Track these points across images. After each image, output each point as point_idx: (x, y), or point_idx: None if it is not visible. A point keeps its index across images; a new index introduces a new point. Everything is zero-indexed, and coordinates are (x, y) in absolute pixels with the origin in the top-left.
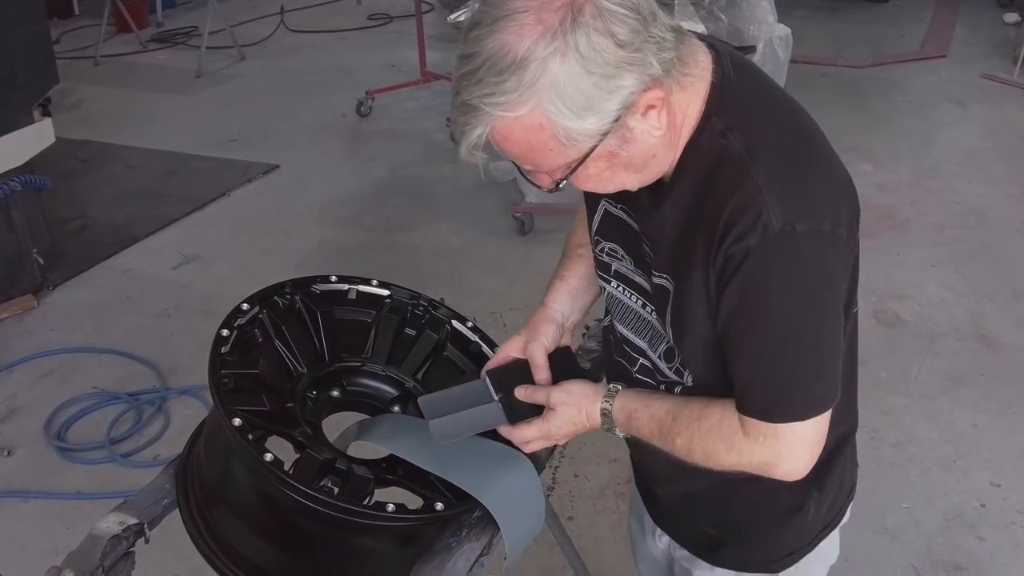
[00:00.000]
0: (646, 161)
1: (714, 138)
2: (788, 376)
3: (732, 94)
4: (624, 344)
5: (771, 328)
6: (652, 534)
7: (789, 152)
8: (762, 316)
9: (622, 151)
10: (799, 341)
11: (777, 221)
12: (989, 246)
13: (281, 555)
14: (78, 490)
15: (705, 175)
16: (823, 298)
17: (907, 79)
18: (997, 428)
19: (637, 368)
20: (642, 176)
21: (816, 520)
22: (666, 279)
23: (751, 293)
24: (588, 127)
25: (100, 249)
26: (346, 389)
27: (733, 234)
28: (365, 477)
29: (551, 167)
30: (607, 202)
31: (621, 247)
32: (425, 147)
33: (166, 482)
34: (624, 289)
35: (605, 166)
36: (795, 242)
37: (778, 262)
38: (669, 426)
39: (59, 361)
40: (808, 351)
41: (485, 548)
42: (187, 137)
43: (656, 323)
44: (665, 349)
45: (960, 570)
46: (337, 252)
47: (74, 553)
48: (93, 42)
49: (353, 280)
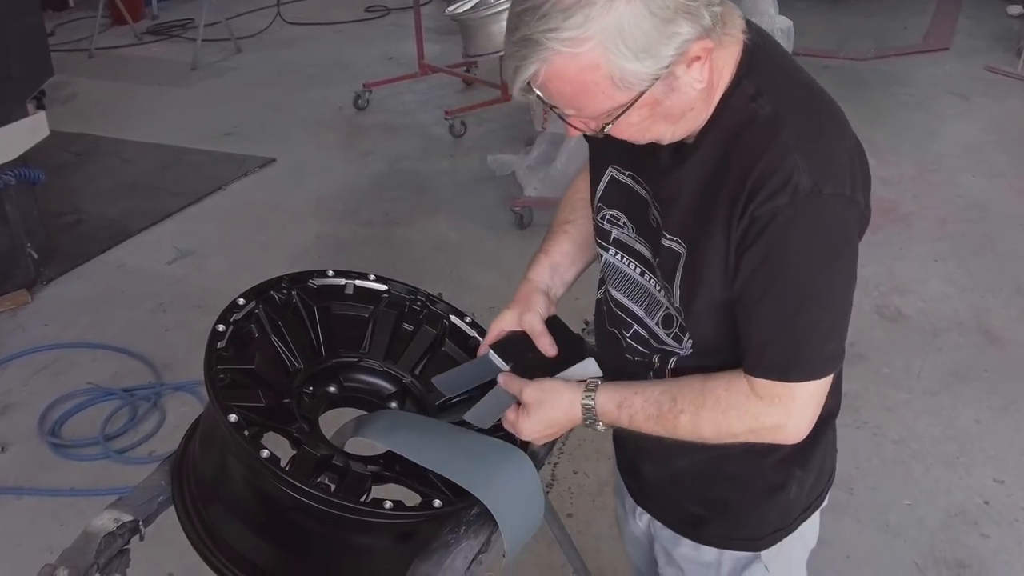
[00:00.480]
0: (684, 114)
1: (744, 100)
2: (807, 334)
3: (760, 59)
4: (620, 311)
5: (793, 287)
6: (633, 514)
7: (813, 117)
8: (785, 275)
9: (666, 100)
10: (820, 300)
11: (807, 182)
12: (992, 240)
13: (277, 552)
14: (72, 487)
15: (732, 136)
16: (844, 259)
17: (909, 72)
18: (1000, 424)
19: (631, 334)
20: (675, 129)
21: (798, 499)
22: (677, 242)
23: (776, 252)
24: (643, 70)
25: (94, 243)
26: (343, 385)
27: (762, 194)
28: (362, 474)
29: (596, 111)
30: (615, 169)
31: (624, 214)
32: (423, 140)
33: (161, 479)
34: (622, 257)
35: (647, 114)
36: (823, 203)
37: (805, 223)
38: (669, 406)
39: (53, 356)
40: (828, 310)
41: (484, 545)
42: (182, 130)
43: (654, 290)
44: (663, 316)
45: (963, 568)
46: (334, 246)
47: (68, 551)
48: (88, 34)
49: (350, 275)
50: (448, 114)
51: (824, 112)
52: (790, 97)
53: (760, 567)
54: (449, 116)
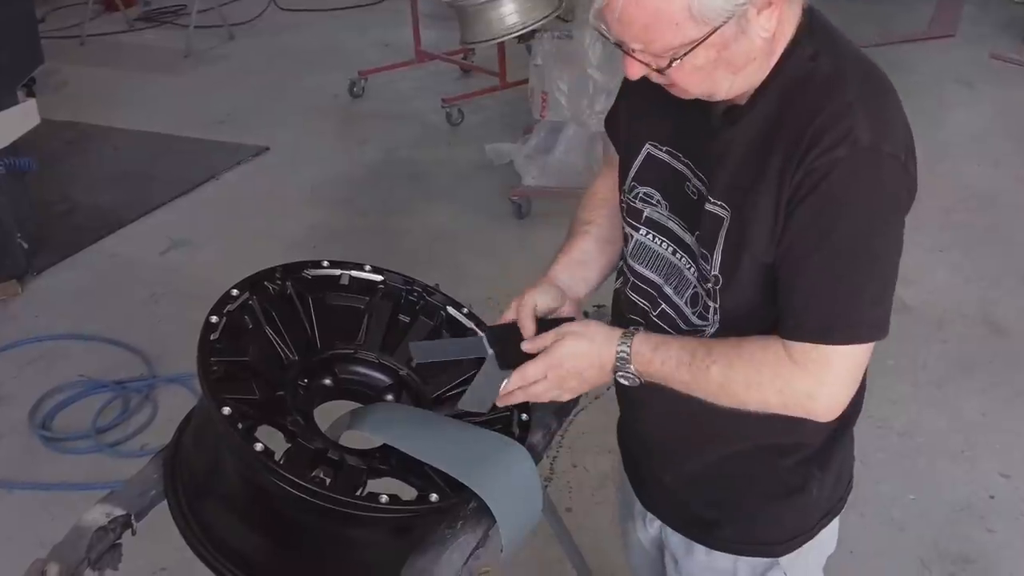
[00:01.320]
0: (745, 64)
1: (802, 62)
2: (854, 295)
3: (819, 23)
4: (649, 288)
5: (845, 242)
6: (643, 519)
7: (872, 82)
8: (838, 229)
9: (733, 44)
10: (870, 259)
11: (867, 137)
12: (998, 230)
13: (271, 547)
14: (64, 481)
15: (789, 94)
16: (896, 223)
17: (914, 59)
18: (1006, 417)
19: (658, 313)
20: (733, 82)
21: (818, 502)
22: (721, 206)
23: (831, 205)
24: (719, 4)
25: (86, 233)
26: (338, 377)
27: (821, 145)
28: (358, 467)
29: (665, 46)
30: (652, 145)
31: (659, 192)
32: (420, 129)
33: (154, 472)
34: (654, 236)
35: (713, 57)
36: (881, 161)
37: (863, 177)
38: (703, 354)
39: (44, 348)
40: (876, 272)
41: (481, 540)
42: (175, 118)
43: (685, 269)
44: (691, 295)
45: (968, 563)
46: (329, 236)
47: (59, 545)
48: (79, 21)
49: (346, 265)
50: (445, 102)
51: (881, 80)
52: (848, 61)
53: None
54: (446, 104)
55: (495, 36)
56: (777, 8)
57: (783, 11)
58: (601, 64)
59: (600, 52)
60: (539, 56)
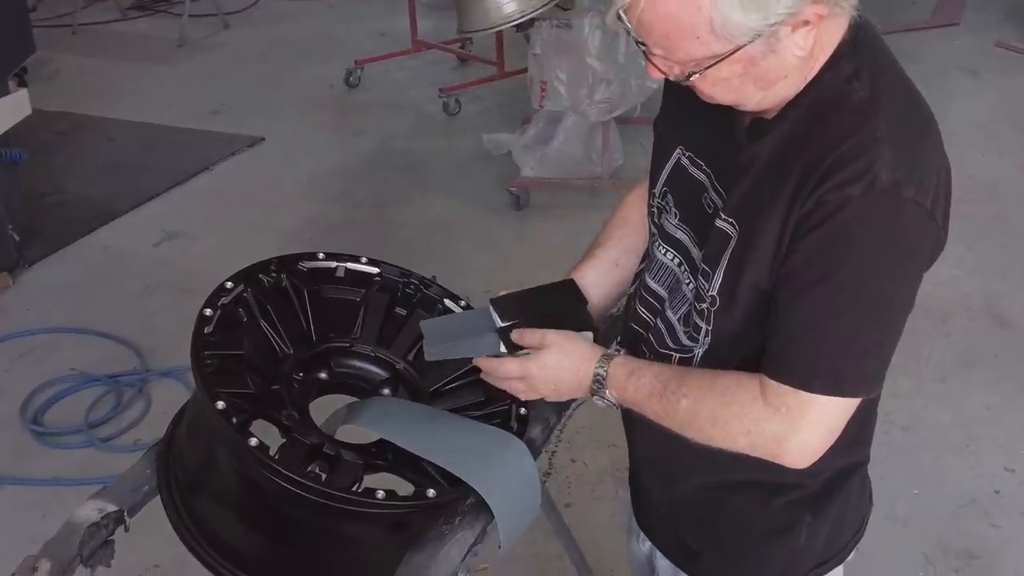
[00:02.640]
0: (776, 81)
1: (839, 80)
2: (847, 340)
3: (866, 40)
4: (652, 299)
5: (847, 283)
6: (637, 537)
7: (910, 114)
8: (840, 270)
9: (762, 61)
10: (871, 306)
11: (887, 177)
12: (1003, 222)
13: (266, 543)
14: (55, 476)
15: (818, 115)
16: (907, 272)
17: (918, 48)
18: (1011, 411)
19: (652, 327)
20: (763, 96)
21: (809, 549)
22: (731, 224)
23: (837, 244)
24: (747, 23)
25: (78, 225)
26: (334, 371)
27: (836, 179)
28: (354, 463)
29: (686, 57)
30: (681, 150)
31: (674, 199)
32: (416, 119)
33: (147, 468)
34: (661, 245)
35: (739, 72)
36: (899, 205)
37: (877, 220)
38: (675, 386)
39: (35, 342)
40: (875, 321)
41: (479, 536)
42: (169, 109)
43: (684, 283)
44: (684, 312)
45: (973, 558)
46: (325, 228)
47: (51, 542)
48: (71, 10)
49: (341, 257)
50: (442, 92)
51: (922, 114)
52: (889, 86)
53: None
54: (443, 94)
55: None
56: (815, 27)
57: (822, 28)
58: (600, 53)
59: (600, 41)
60: (538, 45)
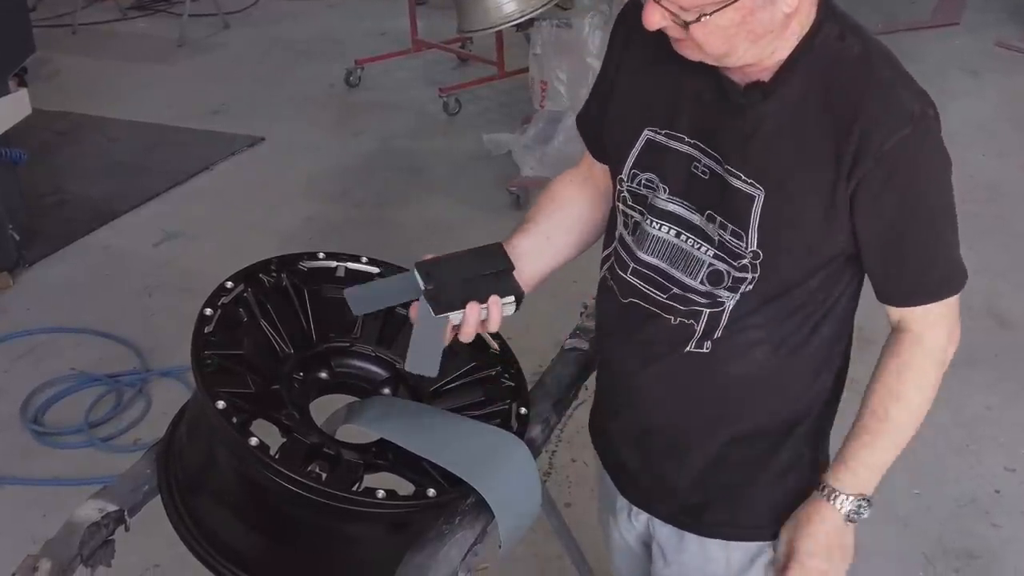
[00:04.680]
0: (764, 34)
1: (830, 41)
2: (951, 249)
3: (835, 6)
4: (653, 273)
5: (935, 208)
6: (627, 514)
7: (893, 57)
8: (925, 200)
9: (759, 12)
10: (951, 216)
11: (917, 108)
12: (1003, 222)
13: (267, 543)
14: (55, 476)
15: (825, 74)
16: (950, 173)
17: (918, 47)
18: (1012, 411)
19: (668, 296)
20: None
21: (811, 482)
22: (751, 184)
23: (914, 181)
24: None
25: (78, 225)
26: (334, 370)
27: (884, 129)
28: (354, 462)
29: (694, 2)
30: (651, 131)
31: (658, 176)
32: (417, 119)
33: (147, 467)
34: (652, 221)
35: (738, 20)
36: (932, 124)
37: (929, 145)
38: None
39: (35, 341)
40: (954, 224)
41: (479, 536)
42: (169, 108)
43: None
44: (708, 272)
45: (973, 558)
46: (325, 228)
47: (51, 541)
48: (71, 9)
49: (342, 257)
50: (442, 91)
51: (891, 53)
52: (870, 39)
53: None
54: (443, 94)
55: (493, 24)
56: None
57: None
58: (600, 53)
59: (600, 41)
60: (538, 45)
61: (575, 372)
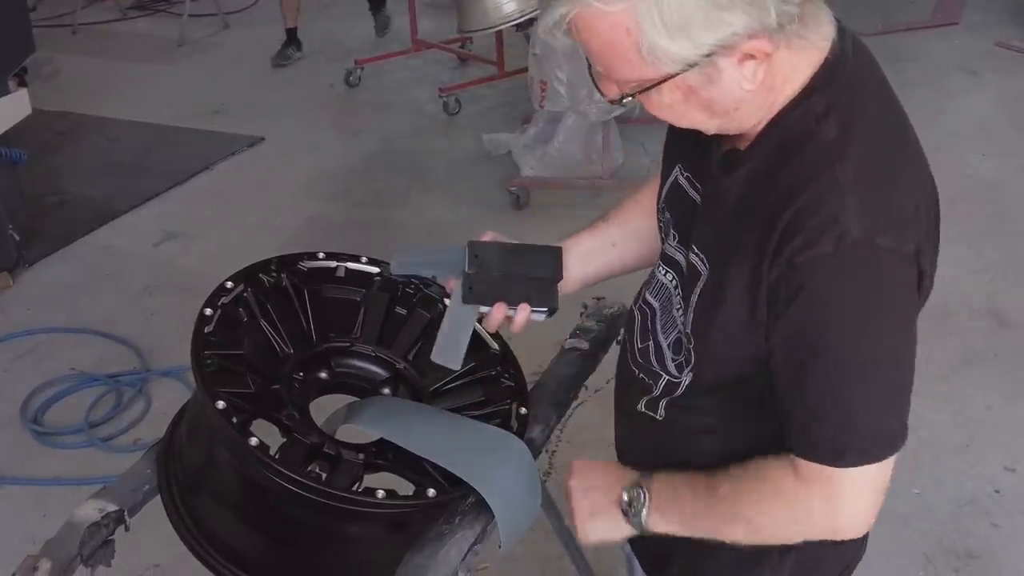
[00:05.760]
0: (727, 111)
1: (807, 118)
2: (862, 411)
3: (843, 74)
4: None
5: (838, 357)
6: None
7: (884, 155)
8: (828, 342)
9: (703, 91)
10: (872, 370)
11: (857, 229)
12: (1003, 221)
13: (266, 543)
14: (55, 476)
15: (782, 155)
16: (901, 322)
17: (917, 47)
18: (1012, 410)
19: (642, 347)
20: (721, 124)
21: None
22: (701, 260)
23: (821, 312)
24: (675, 51)
25: (78, 225)
26: (334, 370)
27: (801, 238)
28: (354, 462)
29: (622, 78)
30: (679, 169)
31: (672, 219)
32: (417, 119)
33: (147, 467)
34: (660, 265)
35: (680, 99)
36: (876, 258)
37: (852, 278)
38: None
39: (35, 342)
40: (881, 382)
41: (479, 536)
42: (169, 108)
43: (675, 307)
44: (675, 338)
45: (973, 558)
46: (325, 228)
47: (51, 541)
48: (71, 9)
49: (341, 257)
50: (442, 91)
51: (899, 147)
52: (863, 124)
53: None
54: (443, 94)
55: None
56: (763, 62)
57: (780, 63)
58: None
59: None
60: (538, 45)
61: (575, 372)
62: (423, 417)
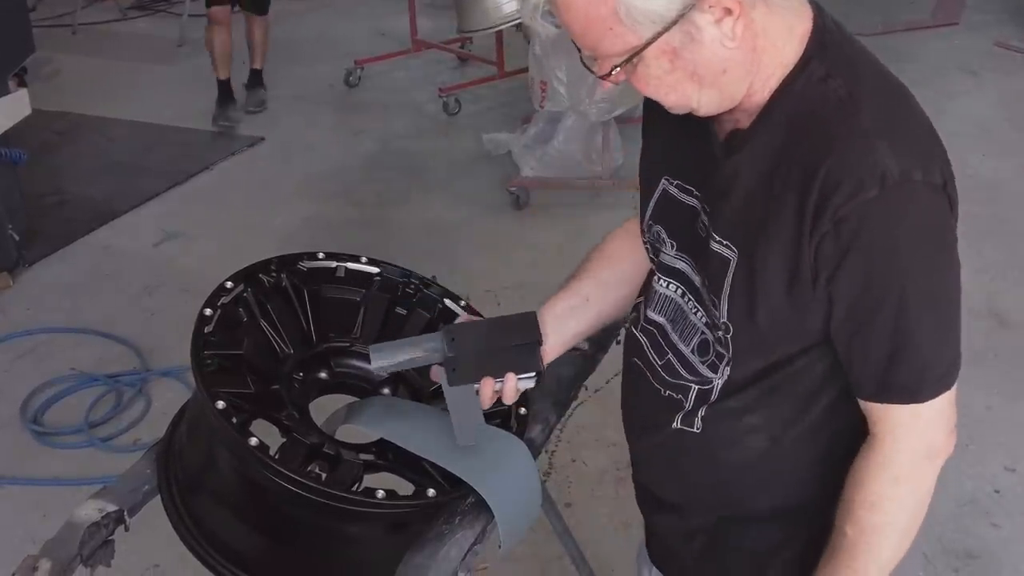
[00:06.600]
0: (715, 75)
1: (812, 84)
2: (930, 344)
3: (832, 39)
4: (657, 334)
5: (910, 289)
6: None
7: (893, 101)
8: (895, 279)
9: (686, 52)
10: (935, 302)
11: (895, 168)
12: (1003, 221)
13: (266, 543)
14: (55, 476)
15: (798, 122)
16: (949, 252)
17: (917, 47)
18: (1012, 410)
19: (663, 363)
20: (712, 96)
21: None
22: (727, 246)
23: (879, 254)
24: (652, 7)
25: (78, 225)
26: (334, 370)
27: (843, 191)
28: (354, 462)
29: (609, 51)
30: (667, 180)
31: (665, 230)
32: (416, 119)
33: (147, 467)
34: (659, 277)
35: (668, 67)
36: (916, 192)
37: (902, 216)
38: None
39: (35, 342)
40: (943, 311)
41: (479, 536)
42: (168, 108)
43: (691, 314)
44: (699, 342)
45: (973, 558)
46: (325, 228)
47: (51, 542)
48: (70, 9)
49: (341, 257)
50: (442, 92)
51: (902, 96)
52: (866, 79)
53: None
54: (443, 94)
55: (493, 24)
56: (742, 17)
57: (762, 24)
58: None
59: None
60: (538, 45)
61: (575, 372)
62: (423, 417)
